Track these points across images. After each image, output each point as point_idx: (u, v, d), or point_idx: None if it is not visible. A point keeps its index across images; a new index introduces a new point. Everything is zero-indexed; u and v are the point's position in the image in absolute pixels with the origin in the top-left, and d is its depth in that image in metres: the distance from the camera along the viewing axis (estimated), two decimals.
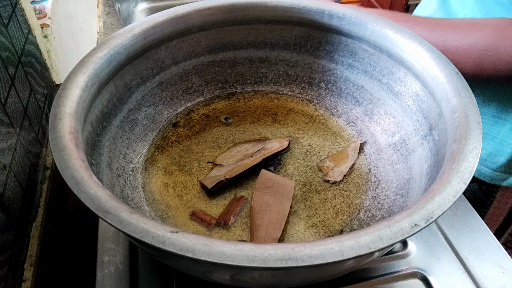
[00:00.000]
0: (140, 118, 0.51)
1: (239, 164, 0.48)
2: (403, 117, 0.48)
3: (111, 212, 0.29)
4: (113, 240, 0.44)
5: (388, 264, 0.42)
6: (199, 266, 0.32)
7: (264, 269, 0.28)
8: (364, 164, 0.50)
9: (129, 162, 0.48)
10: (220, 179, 0.46)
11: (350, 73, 0.53)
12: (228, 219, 0.43)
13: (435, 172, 0.37)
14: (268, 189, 0.45)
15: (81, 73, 0.40)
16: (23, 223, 0.46)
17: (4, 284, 0.39)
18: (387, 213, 0.43)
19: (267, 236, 0.41)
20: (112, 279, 0.41)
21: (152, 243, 0.28)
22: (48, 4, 0.62)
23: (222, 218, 0.43)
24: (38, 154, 0.52)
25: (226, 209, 0.44)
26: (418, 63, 0.45)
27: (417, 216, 0.30)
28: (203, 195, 0.46)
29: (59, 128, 0.35)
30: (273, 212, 0.43)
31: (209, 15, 0.51)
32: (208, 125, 0.54)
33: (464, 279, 0.41)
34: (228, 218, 0.43)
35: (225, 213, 0.44)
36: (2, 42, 0.45)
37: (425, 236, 0.45)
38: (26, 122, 0.49)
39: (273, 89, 0.58)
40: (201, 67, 0.55)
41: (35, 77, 0.54)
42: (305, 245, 0.28)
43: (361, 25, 0.49)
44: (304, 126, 0.54)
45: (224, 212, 0.44)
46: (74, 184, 0.31)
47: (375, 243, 0.28)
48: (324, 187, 0.47)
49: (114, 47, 0.44)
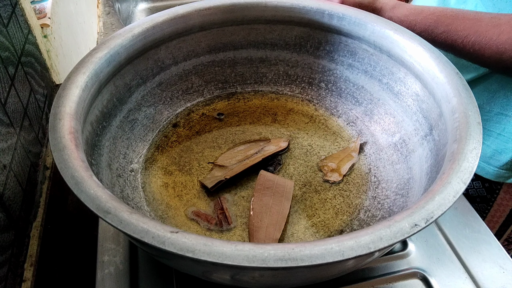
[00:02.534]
0: (140, 118, 0.51)
1: (239, 164, 0.48)
2: (403, 117, 0.48)
3: (111, 212, 0.29)
4: (113, 240, 0.44)
5: (388, 264, 0.42)
6: (199, 266, 0.32)
7: (264, 269, 0.28)
8: (364, 164, 0.50)
9: (129, 162, 0.48)
10: (220, 179, 0.46)
11: (350, 73, 0.53)
12: (228, 218, 0.43)
13: (435, 172, 0.37)
14: (268, 190, 0.45)
15: (81, 73, 0.40)
16: (23, 223, 0.46)
17: (4, 284, 0.39)
18: (387, 213, 0.43)
19: (267, 237, 0.41)
20: (112, 279, 0.41)
21: (152, 243, 0.28)
22: (48, 4, 0.62)
23: (222, 220, 0.43)
24: (38, 154, 0.52)
25: (218, 213, 0.44)
26: (418, 63, 0.45)
27: (417, 216, 0.30)
28: (203, 195, 0.46)
29: (59, 128, 0.35)
30: (273, 213, 0.43)
31: (209, 15, 0.51)
32: (208, 125, 0.54)
33: (464, 279, 0.41)
34: (228, 217, 0.43)
35: (220, 216, 0.44)
36: (2, 42, 0.45)
37: (425, 236, 0.45)
38: (26, 122, 0.49)
39: (273, 89, 0.58)
40: (201, 67, 0.55)
41: (35, 77, 0.54)
42: (305, 245, 0.28)
43: (361, 25, 0.49)
44: (304, 126, 0.54)
45: (219, 216, 0.44)
46: (74, 184, 0.31)
47: (375, 243, 0.28)
48: (324, 187, 0.47)
49: (114, 47, 0.44)
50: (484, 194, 0.62)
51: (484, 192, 0.62)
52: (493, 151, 0.57)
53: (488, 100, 0.55)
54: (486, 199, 0.62)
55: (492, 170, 0.58)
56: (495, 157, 0.57)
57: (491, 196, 0.61)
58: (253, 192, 0.45)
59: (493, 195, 0.61)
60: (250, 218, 0.43)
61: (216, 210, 0.44)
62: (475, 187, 0.62)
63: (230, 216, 0.44)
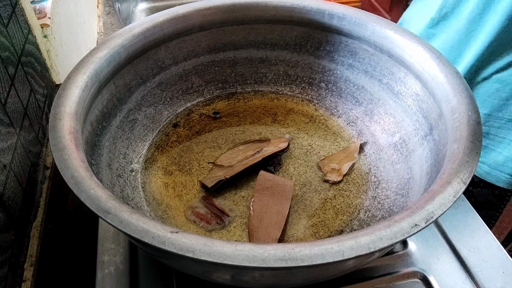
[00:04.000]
0: (140, 118, 0.51)
1: (239, 164, 0.48)
2: (403, 117, 0.48)
3: (111, 212, 0.29)
4: (113, 240, 0.44)
5: (388, 264, 0.42)
6: (199, 266, 0.32)
7: (264, 269, 0.28)
8: (364, 164, 0.49)
9: (129, 162, 0.48)
10: (220, 178, 0.46)
11: (351, 73, 0.53)
12: (223, 211, 0.43)
13: (435, 172, 0.37)
14: (267, 190, 0.45)
15: (81, 73, 0.40)
16: (23, 223, 0.46)
17: (4, 284, 0.39)
18: (387, 213, 0.43)
19: (267, 237, 0.41)
20: (112, 279, 0.41)
21: (152, 243, 0.28)
22: (48, 4, 0.62)
23: (219, 216, 0.44)
24: (38, 154, 0.52)
25: (212, 212, 0.45)
26: (419, 63, 0.45)
27: (417, 216, 0.30)
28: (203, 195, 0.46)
29: (59, 128, 0.35)
30: (273, 213, 0.43)
31: (209, 15, 0.51)
32: (208, 125, 0.54)
33: (464, 279, 0.41)
34: (223, 210, 0.44)
35: (216, 212, 0.44)
36: (2, 42, 0.45)
37: (425, 236, 0.45)
38: (26, 122, 0.49)
39: (273, 89, 0.58)
40: (201, 67, 0.55)
41: (35, 77, 0.54)
42: (305, 245, 0.28)
43: (362, 25, 0.49)
44: (304, 126, 0.54)
45: (215, 213, 0.44)
46: (74, 184, 0.31)
47: (375, 243, 0.28)
48: (324, 187, 0.47)
49: (114, 47, 0.44)
50: (493, 201, 0.61)
51: (493, 199, 0.61)
52: (505, 158, 0.56)
53: (499, 107, 0.55)
54: (495, 206, 0.61)
55: (504, 178, 0.57)
56: (507, 164, 0.56)
57: (500, 203, 0.61)
58: (253, 192, 0.45)
59: (502, 202, 0.61)
60: (250, 218, 0.43)
61: (210, 209, 0.44)
62: (484, 193, 0.62)
63: (224, 208, 0.44)
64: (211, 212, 0.44)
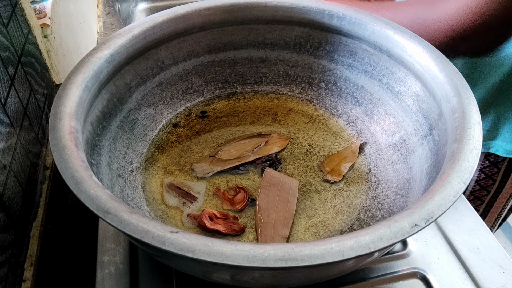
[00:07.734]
0: (140, 118, 0.51)
1: (236, 159, 0.49)
2: (403, 117, 0.48)
3: (111, 212, 0.29)
4: (113, 240, 0.44)
5: (388, 264, 0.42)
6: (199, 266, 0.32)
7: (264, 269, 0.28)
8: (364, 164, 0.50)
9: (129, 162, 0.48)
10: (209, 171, 0.47)
11: (350, 73, 0.53)
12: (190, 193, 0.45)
13: (435, 172, 0.37)
14: (274, 187, 0.45)
15: (81, 73, 0.40)
16: (23, 223, 0.46)
17: (4, 284, 0.39)
18: (387, 213, 0.43)
19: (276, 234, 0.41)
20: (112, 279, 0.41)
21: (152, 243, 0.28)
22: (48, 4, 0.62)
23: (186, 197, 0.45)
24: (38, 154, 0.52)
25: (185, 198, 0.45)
26: (418, 63, 0.45)
27: (417, 216, 0.30)
28: (203, 196, 0.46)
29: (59, 128, 0.35)
30: (280, 210, 0.43)
31: (209, 15, 0.51)
32: (208, 125, 0.54)
33: (464, 279, 0.41)
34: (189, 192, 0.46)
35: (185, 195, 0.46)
36: (2, 42, 0.45)
37: (425, 236, 0.45)
38: (26, 122, 0.49)
39: (273, 89, 0.58)
40: (201, 67, 0.55)
41: (35, 77, 0.54)
42: (305, 245, 0.28)
43: (361, 25, 0.49)
44: (304, 126, 0.54)
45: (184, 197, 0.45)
46: (74, 184, 0.31)
47: (375, 243, 0.28)
48: (324, 187, 0.47)
49: (114, 47, 0.44)
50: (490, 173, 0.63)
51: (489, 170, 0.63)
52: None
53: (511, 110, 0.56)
54: (492, 178, 0.63)
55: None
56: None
57: (497, 169, 0.62)
58: (259, 188, 0.45)
59: (497, 167, 0.62)
60: (257, 213, 0.43)
61: (183, 196, 0.45)
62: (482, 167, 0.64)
63: (189, 191, 0.45)
64: (184, 199, 0.45)
